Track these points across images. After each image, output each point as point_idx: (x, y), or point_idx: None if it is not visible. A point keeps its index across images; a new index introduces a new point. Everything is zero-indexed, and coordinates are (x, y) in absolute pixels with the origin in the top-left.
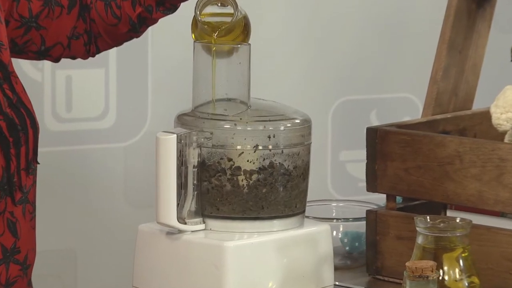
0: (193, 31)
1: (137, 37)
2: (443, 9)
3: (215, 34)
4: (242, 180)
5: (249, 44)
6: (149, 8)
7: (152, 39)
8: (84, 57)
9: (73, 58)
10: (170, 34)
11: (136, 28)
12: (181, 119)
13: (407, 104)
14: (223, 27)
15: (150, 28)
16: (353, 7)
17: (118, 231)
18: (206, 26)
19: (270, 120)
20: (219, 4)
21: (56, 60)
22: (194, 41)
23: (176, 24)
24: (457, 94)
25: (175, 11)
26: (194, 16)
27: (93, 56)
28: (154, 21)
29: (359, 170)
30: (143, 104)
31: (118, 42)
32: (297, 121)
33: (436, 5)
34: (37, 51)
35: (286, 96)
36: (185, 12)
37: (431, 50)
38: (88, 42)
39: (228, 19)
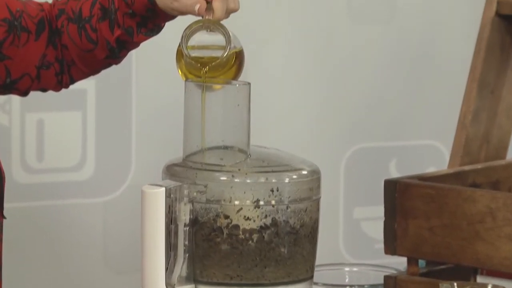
0: (178, 65)
1: (116, 63)
2: (474, 43)
3: (205, 70)
4: (240, 241)
5: (249, 83)
6: (130, 30)
7: (136, 76)
8: (56, 89)
9: (44, 90)
10: (157, 70)
11: (115, 53)
12: (170, 170)
13: (432, 152)
14: (213, 63)
15: (134, 63)
16: (370, 40)
17: None
18: (193, 62)
19: (273, 171)
20: (208, 30)
21: (24, 94)
22: (185, 81)
23: (164, 58)
24: (489, 141)
25: (159, 32)
26: (179, 47)
27: (66, 87)
28: (136, 45)
29: (376, 229)
30: (126, 153)
31: (94, 70)
32: (304, 172)
33: (466, 38)
34: (1, 84)
35: (292, 143)
36: (174, 44)
37: (459, 89)
38: (60, 72)
39: (218, 52)
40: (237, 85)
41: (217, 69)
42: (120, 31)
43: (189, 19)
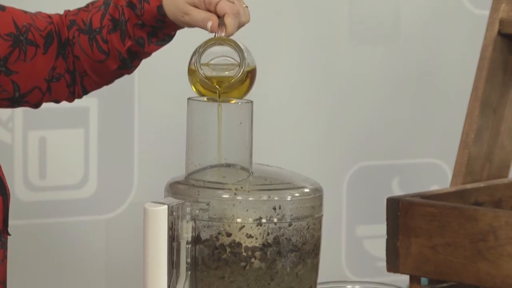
0: (191, 82)
1: (129, 73)
2: (476, 62)
3: (221, 89)
4: (243, 258)
5: (251, 101)
6: (140, 40)
7: (139, 94)
8: (69, 99)
9: (56, 102)
10: (160, 88)
11: (128, 63)
12: (173, 188)
13: (434, 171)
14: (229, 83)
15: (136, 82)
16: (373, 60)
17: None
18: (208, 81)
19: (275, 189)
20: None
21: (35, 106)
22: (189, 98)
23: (166, 76)
24: (491, 160)
25: (171, 40)
26: (190, 64)
27: (80, 97)
28: (147, 54)
29: (378, 248)
30: (129, 170)
31: (107, 81)
32: (307, 190)
33: (469, 57)
34: (10, 98)
35: (294, 162)
36: (177, 63)
37: (461, 109)
38: (72, 83)
39: (231, 68)
40: (240, 103)
41: (232, 87)
42: (131, 41)
43: (198, 30)
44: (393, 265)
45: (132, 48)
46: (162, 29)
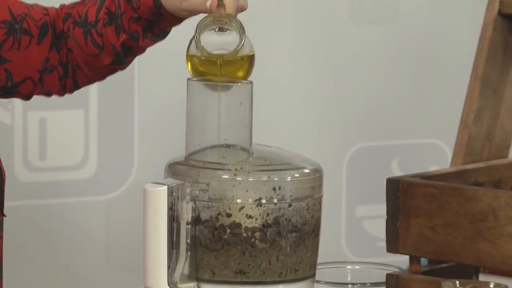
0: (191, 67)
1: (121, 69)
2: (476, 42)
3: (220, 61)
4: (243, 239)
5: (251, 82)
6: (135, 34)
7: (139, 75)
8: (60, 93)
9: (48, 95)
10: (160, 68)
11: (121, 58)
12: (173, 168)
13: (434, 151)
14: (229, 53)
15: (136, 62)
16: (372, 40)
17: None
18: (208, 55)
19: (275, 170)
20: (217, 29)
21: (26, 97)
22: (188, 79)
23: (166, 57)
24: (491, 141)
25: (165, 37)
26: (188, 51)
27: (71, 92)
28: (142, 49)
29: (378, 228)
30: (129, 151)
31: (100, 76)
32: (307, 170)
33: (469, 37)
34: (2, 87)
35: (294, 142)
36: (177, 44)
37: (461, 89)
38: (64, 76)
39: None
40: (240, 84)
41: (231, 64)
42: (126, 35)
43: (196, 21)
44: (392, 246)
45: (127, 42)
46: (158, 23)
